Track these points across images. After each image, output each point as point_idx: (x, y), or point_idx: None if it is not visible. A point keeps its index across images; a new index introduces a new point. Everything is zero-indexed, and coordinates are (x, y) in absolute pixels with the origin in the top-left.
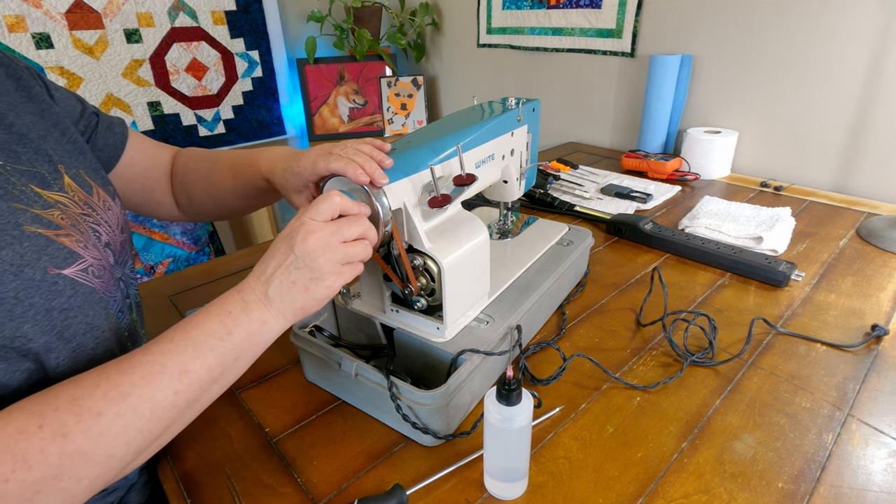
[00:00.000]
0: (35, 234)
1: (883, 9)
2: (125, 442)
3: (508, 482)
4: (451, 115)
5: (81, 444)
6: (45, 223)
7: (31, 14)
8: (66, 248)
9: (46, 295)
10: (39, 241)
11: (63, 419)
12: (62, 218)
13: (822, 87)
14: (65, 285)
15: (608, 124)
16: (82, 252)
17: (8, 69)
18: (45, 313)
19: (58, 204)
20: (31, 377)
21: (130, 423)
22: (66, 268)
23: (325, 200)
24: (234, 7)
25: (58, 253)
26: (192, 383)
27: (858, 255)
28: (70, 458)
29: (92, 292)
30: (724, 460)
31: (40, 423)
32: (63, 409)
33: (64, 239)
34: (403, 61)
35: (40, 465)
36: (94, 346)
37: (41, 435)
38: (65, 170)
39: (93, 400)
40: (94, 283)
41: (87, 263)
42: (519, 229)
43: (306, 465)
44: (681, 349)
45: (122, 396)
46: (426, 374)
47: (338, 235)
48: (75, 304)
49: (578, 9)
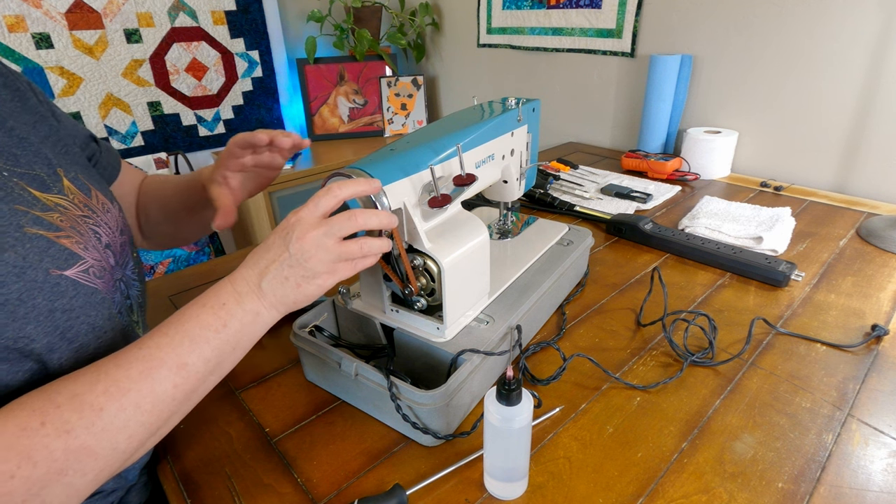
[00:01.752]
0: (36, 236)
1: (883, 9)
2: (128, 435)
3: (508, 482)
4: (451, 115)
5: (85, 440)
6: (45, 225)
7: (31, 14)
8: (68, 250)
9: (49, 296)
10: (41, 243)
11: (65, 416)
12: (62, 220)
13: (822, 87)
14: (67, 286)
15: (608, 124)
16: (83, 253)
17: (6, 80)
18: (47, 314)
19: (57, 206)
20: (34, 377)
21: (132, 418)
22: (67, 269)
23: (326, 194)
24: (234, 7)
25: (59, 254)
26: (190, 376)
27: (858, 255)
28: (75, 454)
29: (94, 293)
30: (724, 460)
31: (42, 420)
32: (64, 405)
33: (65, 240)
34: (403, 61)
35: (45, 462)
36: (96, 346)
37: (44, 432)
38: (63, 173)
39: (94, 396)
40: (95, 284)
41: (88, 264)
42: (519, 229)
43: (306, 465)
44: (681, 349)
45: (122, 392)
46: (426, 374)
47: (332, 235)
48: (77, 304)
49: (578, 9)
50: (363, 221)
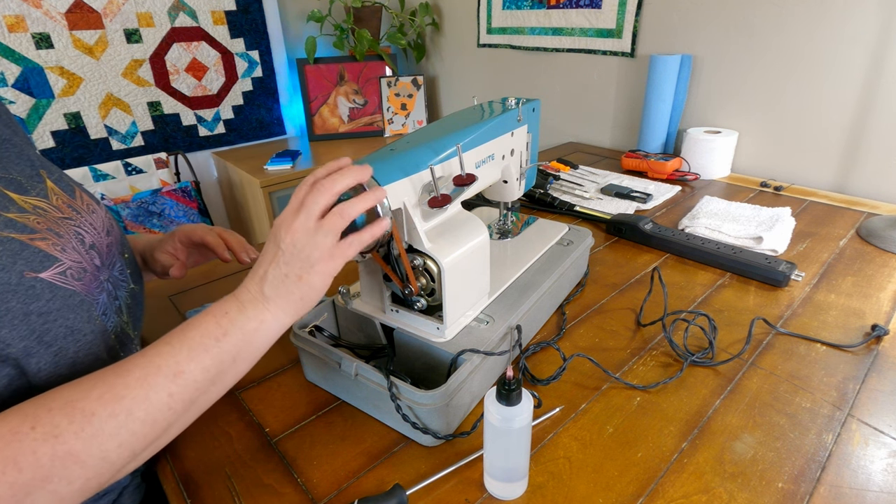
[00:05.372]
0: (8, 239)
1: (883, 9)
2: (118, 444)
3: (508, 482)
4: (451, 115)
5: (73, 446)
6: (18, 227)
7: (31, 14)
8: (42, 252)
9: (23, 299)
10: (13, 246)
11: (56, 420)
12: (38, 222)
13: (822, 87)
14: (42, 289)
15: (608, 124)
16: (60, 255)
17: None
18: (22, 317)
19: (35, 209)
20: (13, 383)
21: (124, 425)
22: (42, 271)
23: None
24: (234, 7)
25: (33, 257)
26: (187, 384)
27: (858, 255)
28: (61, 460)
29: (72, 295)
30: (724, 460)
31: (33, 425)
32: (56, 410)
33: (40, 243)
34: (403, 61)
35: (31, 467)
36: (76, 349)
37: (33, 436)
38: (47, 174)
39: (87, 402)
40: (74, 286)
41: (65, 266)
42: (519, 229)
43: (306, 465)
44: (681, 349)
45: (116, 398)
46: (426, 374)
47: (311, 215)
48: (54, 307)
49: (578, 9)
50: (331, 186)
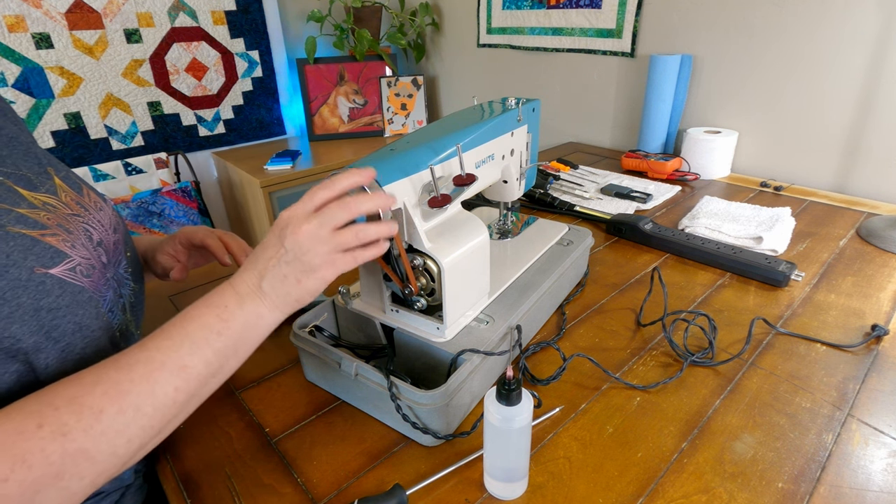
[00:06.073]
0: (19, 235)
1: (883, 9)
2: (127, 439)
3: (508, 482)
4: (451, 115)
5: (83, 443)
6: (30, 223)
7: (31, 14)
8: (53, 248)
9: (34, 295)
10: (25, 242)
11: (63, 418)
12: (48, 218)
13: (822, 87)
14: (52, 285)
15: (608, 124)
16: (69, 251)
17: None
18: (33, 313)
19: (45, 205)
20: (21, 378)
21: (132, 421)
22: (52, 267)
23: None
24: (234, 7)
25: (44, 252)
26: (191, 378)
27: (858, 255)
28: (72, 457)
29: (81, 291)
30: (723, 460)
31: (39, 423)
32: (63, 408)
33: (50, 238)
34: (403, 61)
35: (41, 465)
36: (83, 345)
37: (41, 434)
38: (55, 172)
39: (93, 398)
40: (82, 282)
41: (74, 262)
42: (519, 229)
43: (306, 465)
44: (681, 349)
45: (122, 394)
46: (426, 374)
47: (325, 225)
48: (63, 303)
49: (578, 9)
50: (355, 207)
